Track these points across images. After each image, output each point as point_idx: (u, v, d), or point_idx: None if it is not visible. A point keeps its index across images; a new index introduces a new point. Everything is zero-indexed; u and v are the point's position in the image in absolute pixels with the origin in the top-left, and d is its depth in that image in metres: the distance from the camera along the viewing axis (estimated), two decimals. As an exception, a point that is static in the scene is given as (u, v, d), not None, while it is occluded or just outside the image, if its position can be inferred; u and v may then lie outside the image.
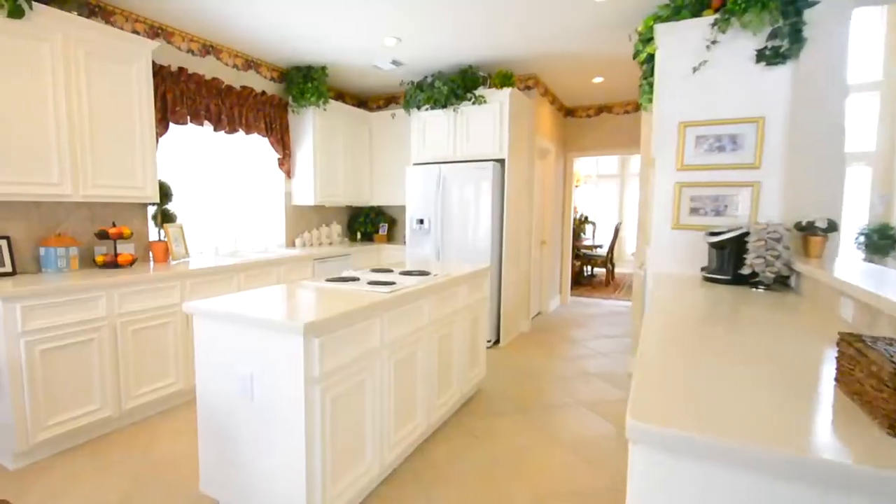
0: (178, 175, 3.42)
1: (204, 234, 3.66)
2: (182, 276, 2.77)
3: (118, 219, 2.96)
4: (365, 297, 2.02)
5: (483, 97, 4.07)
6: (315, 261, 3.86)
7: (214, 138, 3.75)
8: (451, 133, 4.23)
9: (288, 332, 1.62)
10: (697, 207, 2.59)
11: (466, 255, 4.14)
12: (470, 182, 4.09)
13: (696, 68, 2.51)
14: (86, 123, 2.55)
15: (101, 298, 2.41)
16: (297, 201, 4.36)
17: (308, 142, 4.25)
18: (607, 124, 5.94)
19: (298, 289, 2.21)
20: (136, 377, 2.60)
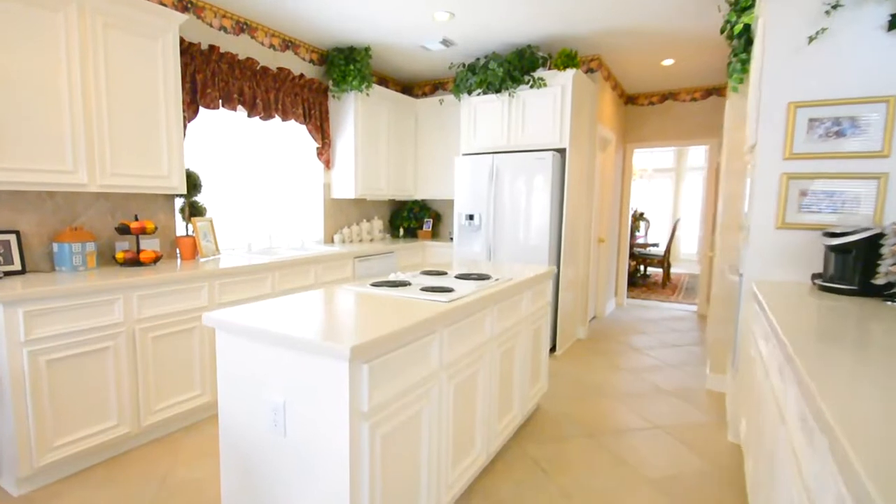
0: (207, 165, 3.07)
1: (236, 229, 3.31)
2: (210, 275, 2.39)
3: (142, 212, 2.63)
4: (420, 307, 1.57)
5: (543, 80, 3.50)
6: (355, 259, 3.44)
7: (248, 125, 3.38)
8: (506, 120, 3.69)
9: (330, 355, 1.21)
10: (809, 203, 2.07)
11: (520, 254, 3.60)
12: (526, 173, 3.54)
13: (812, 38, 2.02)
14: (104, 104, 2.20)
15: (117, 301, 2.06)
16: (337, 194, 3.96)
17: (349, 130, 3.83)
18: (671, 112, 5.25)
19: (340, 295, 1.77)
20: (157, 389, 2.25)
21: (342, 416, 1.22)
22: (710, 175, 5.23)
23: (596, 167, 4.20)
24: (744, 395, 2.22)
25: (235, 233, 3.29)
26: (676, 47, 3.71)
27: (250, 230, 3.43)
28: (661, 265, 6.92)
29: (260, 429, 1.40)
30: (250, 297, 2.62)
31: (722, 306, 3.01)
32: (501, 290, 1.99)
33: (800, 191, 2.10)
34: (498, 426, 2.07)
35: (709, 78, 4.70)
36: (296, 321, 1.40)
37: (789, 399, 1.15)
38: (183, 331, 2.31)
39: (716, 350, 3.06)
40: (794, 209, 2.11)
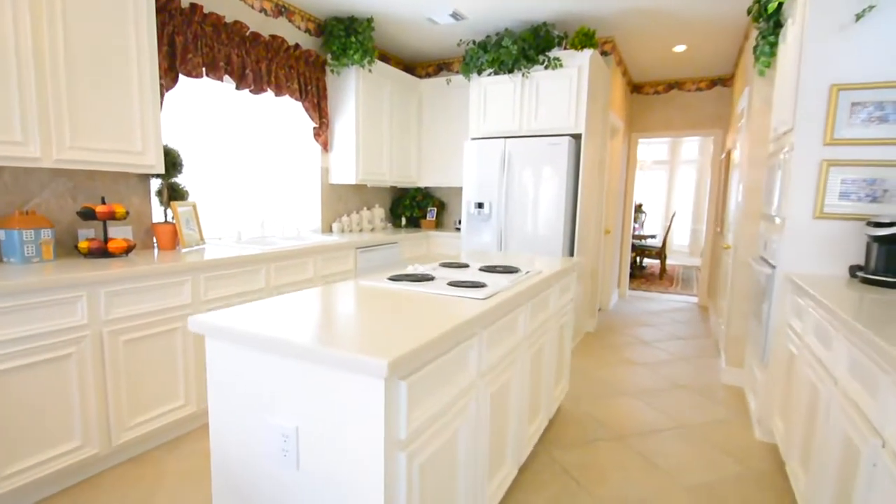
0: (190, 142, 2.63)
1: (223, 216, 2.89)
2: (194, 268, 1.99)
3: (110, 195, 2.19)
4: (455, 306, 1.27)
5: (559, 60, 3.15)
6: (357, 250, 3.06)
7: (236, 99, 2.94)
8: (518, 102, 3.34)
9: (361, 371, 0.89)
10: (847, 192, 1.89)
11: (532, 244, 3.28)
12: (541, 160, 3.20)
13: (859, 15, 1.82)
14: (61, 62, 1.76)
15: (80, 300, 1.66)
16: (336, 179, 3.55)
17: (349, 109, 3.41)
18: (676, 102, 5.00)
19: (355, 293, 1.42)
20: (132, 402, 1.86)
21: (375, 445, 0.92)
22: (714, 166, 4.97)
23: (606, 156, 3.89)
24: (778, 392, 2.02)
25: (222, 220, 2.87)
26: (690, 32, 3.44)
27: (240, 217, 3.01)
28: (658, 257, 6.72)
29: (264, 459, 1.07)
30: (241, 293, 2.23)
31: (741, 299, 2.77)
32: (535, 284, 1.69)
33: (840, 179, 1.89)
34: (527, 433, 1.79)
35: (715, 68, 4.44)
36: (308, 326, 1.05)
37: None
38: (162, 333, 1.92)
39: (733, 344, 2.82)
40: (833, 198, 1.93)
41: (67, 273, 1.65)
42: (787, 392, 1.88)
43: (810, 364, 1.59)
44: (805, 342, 1.68)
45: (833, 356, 1.37)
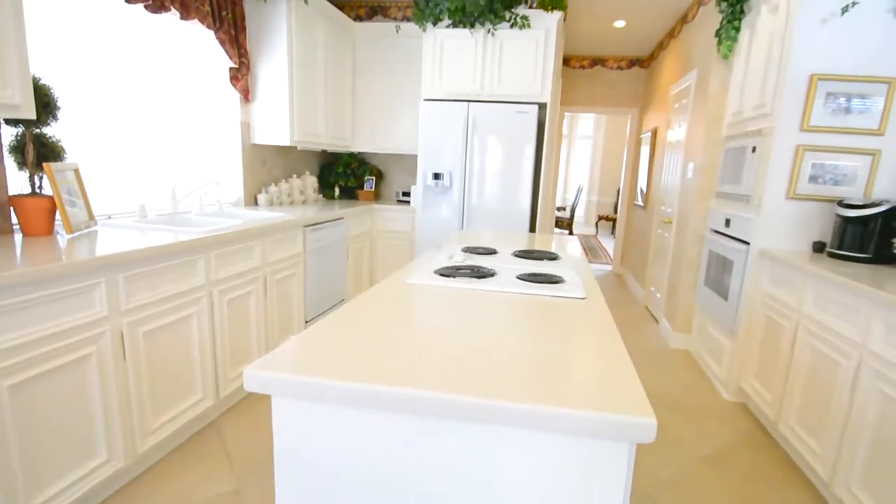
0: (58, 76, 1.86)
1: (110, 183, 2.16)
2: (108, 264, 1.41)
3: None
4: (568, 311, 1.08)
5: (527, 19, 3.02)
6: (305, 228, 2.59)
7: (127, 18, 2.17)
8: (480, 62, 3.14)
9: (593, 434, 0.65)
10: (816, 175, 2.21)
11: (500, 220, 3.22)
12: (508, 128, 3.10)
13: (845, 9, 2.04)
14: None
15: None
16: (261, 139, 2.93)
17: (279, 49, 2.79)
18: (601, 79, 5.32)
19: (424, 299, 1.14)
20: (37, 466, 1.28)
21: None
22: (630, 143, 5.47)
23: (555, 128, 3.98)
24: (753, 357, 2.32)
25: (109, 189, 2.13)
26: (633, 8, 3.64)
27: (137, 186, 2.29)
28: (567, 227, 7.35)
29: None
30: (175, 293, 1.68)
31: (690, 270, 3.14)
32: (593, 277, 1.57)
33: (811, 163, 2.20)
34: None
35: (636, 48, 4.80)
36: (429, 365, 0.76)
37: None
38: (64, 367, 1.33)
39: (681, 312, 3.21)
40: (804, 180, 2.21)
41: None
42: (769, 356, 2.16)
43: (811, 332, 1.82)
44: (803, 312, 1.90)
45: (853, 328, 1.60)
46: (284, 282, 2.42)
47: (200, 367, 1.83)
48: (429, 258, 1.58)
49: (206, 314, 1.84)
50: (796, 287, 1.98)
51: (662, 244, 3.77)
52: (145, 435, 1.59)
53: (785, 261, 2.06)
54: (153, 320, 1.59)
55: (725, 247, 2.56)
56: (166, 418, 1.68)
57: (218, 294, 1.90)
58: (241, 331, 2.08)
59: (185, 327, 1.74)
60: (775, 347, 2.12)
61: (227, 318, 1.97)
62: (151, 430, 1.62)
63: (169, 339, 1.67)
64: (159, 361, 1.64)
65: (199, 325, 1.80)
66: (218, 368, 1.93)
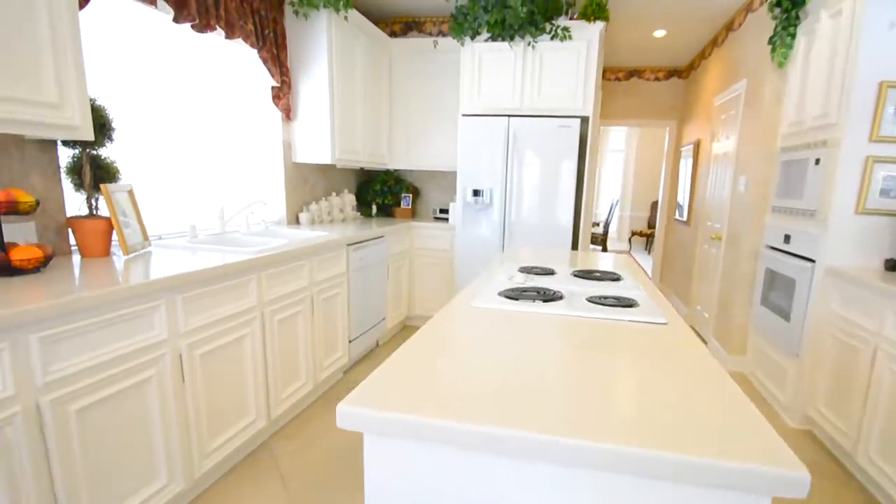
0: (110, 97, 1.90)
1: (161, 203, 2.17)
2: (168, 287, 1.38)
3: (2, 173, 1.43)
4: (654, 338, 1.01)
5: (568, 30, 2.96)
6: (349, 247, 2.55)
7: (173, 39, 2.22)
8: (520, 76, 3.09)
9: (739, 488, 0.57)
10: (888, 189, 2.05)
11: (542, 237, 3.14)
12: (550, 143, 3.04)
13: None
14: None
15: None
16: (302, 157, 2.94)
17: (320, 66, 2.82)
18: (637, 90, 5.18)
19: (501, 324, 1.06)
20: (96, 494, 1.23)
21: None
22: (669, 156, 5.30)
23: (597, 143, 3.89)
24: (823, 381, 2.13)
25: (160, 209, 2.14)
26: (674, 17, 3.54)
27: (188, 206, 2.30)
28: (601, 244, 7.14)
29: None
30: (230, 315, 1.64)
31: (745, 288, 2.94)
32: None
33: (882, 175, 2.04)
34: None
35: (674, 58, 4.69)
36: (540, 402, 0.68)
37: None
38: (127, 390, 1.28)
39: (735, 332, 3.00)
40: (874, 194, 2.06)
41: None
42: (842, 382, 1.97)
43: (893, 357, 1.66)
44: (882, 335, 1.73)
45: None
46: (330, 301, 2.37)
47: (253, 388, 1.78)
48: (487, 278, 1.52)
49: (259, 335, 1.80)
50: (873, 308, 1.81)
51: (709, 261, 3.57)
52: (202, 457, 1.54)
53: (859, 280, 1.89)
54: (209, 342, 1.55)
55: (786, 264, 2.38)
56: (222, 440, 1.62)
57: (269, 314, 1.86)
58: (290, 351, 2.03)
59: (239, 348, 1.70)
60: (849, 372, 1.93)
61: (277, 338, 1.92)
62: (208, 453, 1.56)
63: (224, 360, 1.63)
64: (215, 383, 1.59)
65: (252, 345, 1.76)
66: (269, 389, 1.88)
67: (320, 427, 2.08)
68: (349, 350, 2.59)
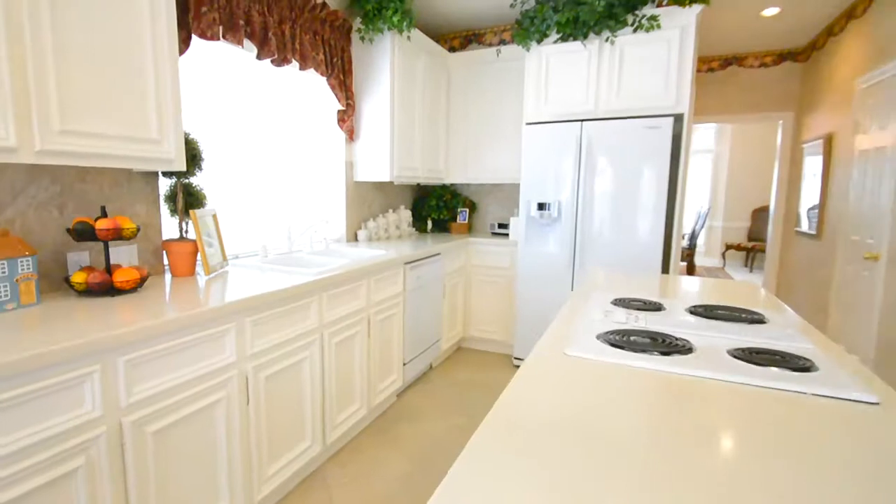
0: (199, 129, 2.09)
1: (237, 224, 2.36)
2: (239, 310, 1.49)
3: (108, 202, 1.64)
4: (841, 425, 0.74)
5: (656, 19, 2.71)
6: (405, 265, 2.62)
7: (246, 74, 2.41)
8: (594, 76, 2.90)
9: None
10: None
11: (620, 256, 2.89)
12: (632, 148, 2.78)
13: None
14: (45, 15, 1.21)
15: (87, 381, 1.13)
16: (362, 176, 3.07)
17: (381, 88, 2.93)
18: (736, 80, 4.59)
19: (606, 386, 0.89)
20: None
21: None
22: (784, 155, 4.65)
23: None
24: None
25: (236, 229, 2.33)
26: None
27: (260, 225, 2.48)
28: (687, 259, 6.54)
29: None
30: (293, 337, 1.75)
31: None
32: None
33: None
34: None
35: (787, 39, 4.11)
36: None
37: None
38: (197, 413, 1.40)
39: None
40: None
41: (68, 335, 1.12)
42: None
43: None
44: None
45: None
46: (386, 322, 2.43)
47: (310, 412, 1.86)
48: (574, 311, 1.38)
49: (318, 357, 1.88)
50: None
51: (861, 287, 3.04)
52: (261, 482, 1.63)
53: None
54: (273, 364, 1.65)
55: None
56: (279, 465, 1.71)
57: (328, 336, 1.94)
58: (346, 374, 2.10)
59: (299, 371, 1.79)
60: None
61: (335, 361, 2.00)
62: (266, 478, 1.65)
63: (285, 383, 1.72)
64: (276, 407, 1.69)
65: (310, 368, 1.85)
66: (325, 414, 1.96)
67: (373, 456, 2.09)
68: (403, 373, 2.64)
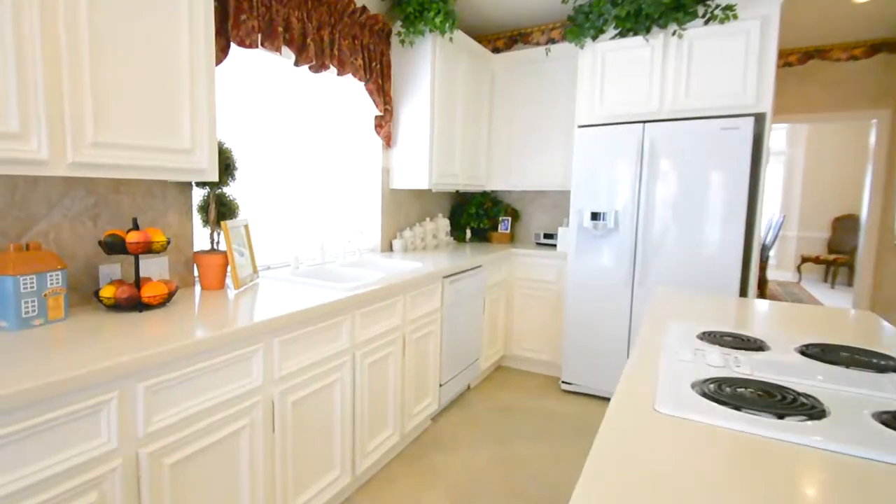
0: (232, 138, 2.07)
1: (268, 234, 2.32)
2: (268, 330, 1.42)
3: (141, 213, 1.61)
4: None
5: (731, 9, 2.44)
6: (444, 279, 2.50)
7: (287, 80, 2.38)
8: (658, 73, 2.66)
9: None
10: None
11: (690, 272, 2.61)
12: (706, 150, 2.51)
13: None
14: (82, 24, 1.19)
15: (105, 409, 1.07)
16: (399, 183, 2.98)
17: (422, 92, 2.84)
18: (818, 76, 4.18)
19: (715, 465, 0.72)
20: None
21: None
22: (878, 158, 4.19)
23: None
24: None
25: (267, 239, 2.29)
26: None
27: (292, 236, 2.44)
28: (759, 272, 6.00)
29: None
30: (322, 359, 1.66)
31: None
32: None
33: None
34: None
35: (881, 28, 3.68)
36: None
37: None
38: (218, 442, 1.33)
39: None
40: None
41: (92, 357, 1.07)
42: None
43: None
44: None
45: None
46: (422, 341, 2.32)
47: (340, 439, 1.77)
48: (651, 342, 1.20)
49: (349, 380, 1.79)
50: None
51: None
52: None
53: None
54: (302, 388, 1.57)
55: None
56: (305, 498, 1.61)
57: (360, 357, 1.85)
58: (378, 397, 2.00)
59: (329, 395, 1.70)
60: None
61: (367, 383, 1.90)
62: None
63: (313, 408, 1.64)
64: (303, 434, 1.60)
65: (341, 392, 1.75)
66: (356, 441, 1.86)
67: (406, 487, 1.95)
68: (439, 395, 2.51)
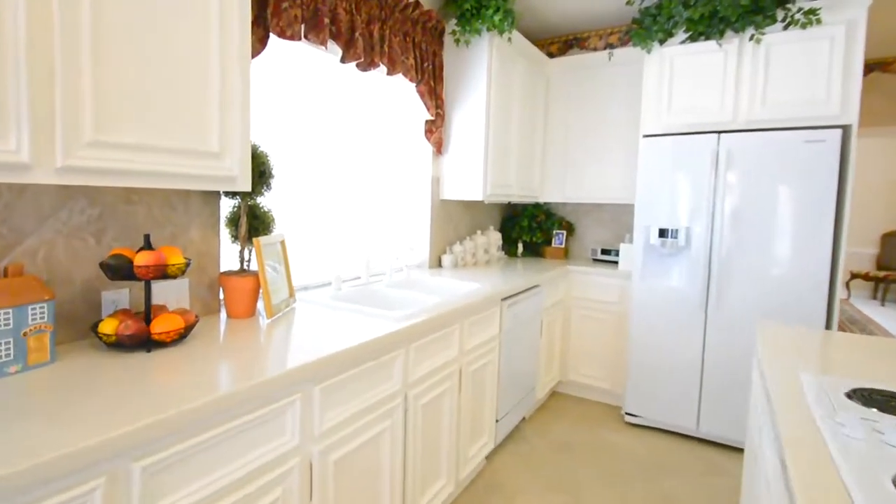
0: (268, 141, 1.82)
1: (305, 247, 2.05)
2: (307, 377, 1.11)
3: (157, 226, 1.36)
4: None
5: (815, 13, 2.17)
6: (503, 302, 2.14)
7: (329, 79, 2.13)
8: (733, 81, 2.38)
9: None
10: None
11: (774, 295, 2.30)
12: (790, 163, 2.24)
13: None
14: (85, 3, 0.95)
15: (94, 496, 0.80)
16: (450, 194, 2.68)
17: (476, 95, 2.54)
18: (883, 85, 3.92)
19: None
20: None
21: None
22: None
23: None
24: None
25: (304, 253, 2.02)
26: None
27: (333, 250, 2.17)
28: None
29: None
30: (369, 406, 1.34)
31: None
32: None
33: None
34: None
35: None
36: None
37: None
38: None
39: None
40: None
41: (63, 418, 0.80)
42: None
43: None
44: None
45: None
46: (478, 373, 1.97)
47: (389, 498, 1.44)
48: (781, 401, 0.90)
49: (400, 426, 1.46)
50: None
51: None
52: None
53: None
54: (345, 444, 1.25)
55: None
56: None
57: (413, 399, 1.52)
58: (432, 443, 1.66)
59: (376, 448, 1.38)
60: None
61: (420, 428, 1.57)
62: None
63: (358, 465, 1.32)
64: (345, 497, 1.28)
65: (391, 442, 1.43)
66: (406, 499, 1.52)
67: None
68: (496, 432, 2.15)
